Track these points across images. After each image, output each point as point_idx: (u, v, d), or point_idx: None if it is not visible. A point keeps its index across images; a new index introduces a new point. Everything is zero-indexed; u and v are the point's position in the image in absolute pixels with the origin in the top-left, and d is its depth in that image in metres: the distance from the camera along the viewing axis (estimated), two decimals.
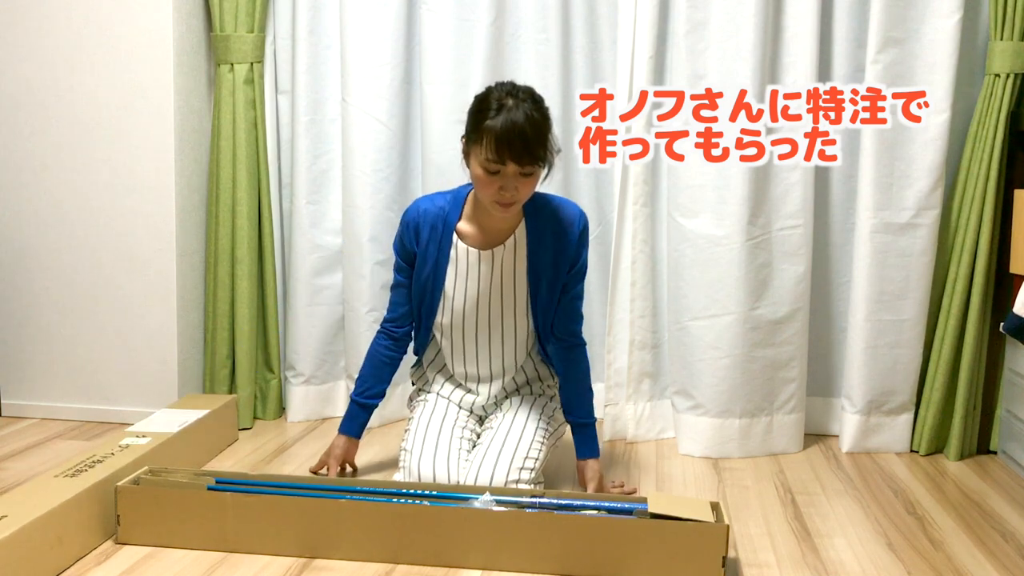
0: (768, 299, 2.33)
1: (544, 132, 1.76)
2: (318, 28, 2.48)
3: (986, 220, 2.25)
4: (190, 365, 2.56)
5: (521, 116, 1.71)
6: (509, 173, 1.74)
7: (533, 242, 1.92)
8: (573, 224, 1.92)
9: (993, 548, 1.79)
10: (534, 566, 1.62)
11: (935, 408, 2.34)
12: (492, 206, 1.81)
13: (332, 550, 1.67)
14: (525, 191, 1.79)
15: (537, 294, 1.95)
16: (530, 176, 1.77)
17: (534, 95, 1.79)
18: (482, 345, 2.00)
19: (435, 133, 2.44)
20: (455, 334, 2.00)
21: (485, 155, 1.74)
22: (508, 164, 1.73)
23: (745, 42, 2.24)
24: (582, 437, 2.00)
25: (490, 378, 2.05)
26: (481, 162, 1.76)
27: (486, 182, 1.77)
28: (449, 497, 1.72)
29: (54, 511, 1.59)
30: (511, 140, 1.70)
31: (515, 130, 1.70)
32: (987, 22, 2.27)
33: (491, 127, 1.72)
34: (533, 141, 1.72)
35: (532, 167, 1.75)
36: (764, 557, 1.74)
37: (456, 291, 1.95)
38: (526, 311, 1.97)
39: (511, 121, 1.70)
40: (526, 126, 1.71)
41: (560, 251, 1.92)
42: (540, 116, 1.76)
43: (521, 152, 1.71)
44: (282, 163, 2.61)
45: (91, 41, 2.42)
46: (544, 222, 1.92)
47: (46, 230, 2.52)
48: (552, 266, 1.93)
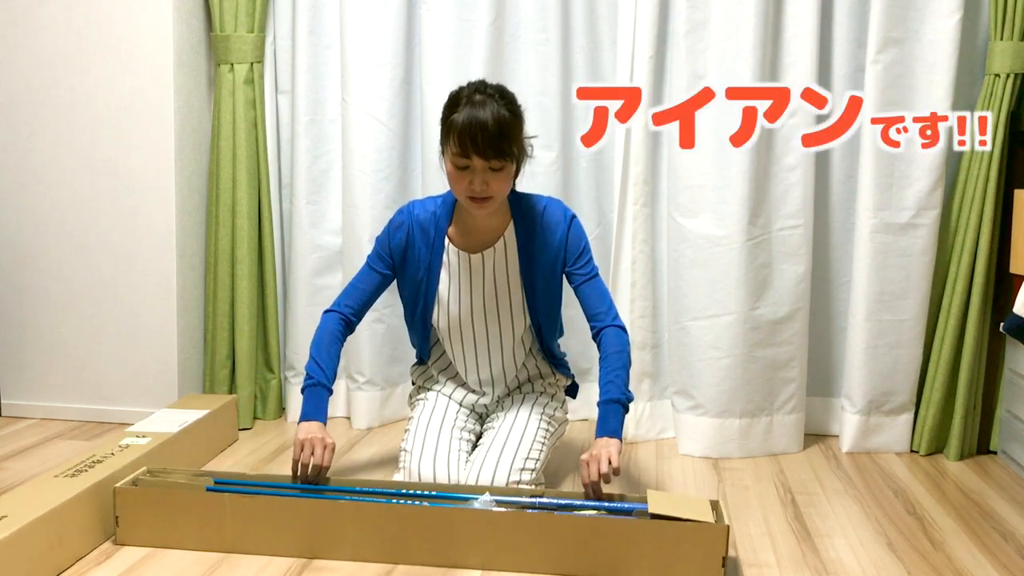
0: (768, 299, 2.33)
1: (510, 127, 1.76)
2: (318, 28, 2.48)
3: (986, 220, 2.25)
4: (190, 365, 2.56)
5: (486, 111, 1.73)
6: (477, 168, 1.75)
7: (523, 243, 1.93)
8: (560, 222, 1.92)
9: (993, 548, 1.79)
10: (534, 566, 1.62)
11: (935, 408, 2.34)
12: (467, 203, 1.82)
13: (332, 550, 1.66)
14: (496, 186, 1.78)
15: (534, 295, 1.94)
16: (499, 171, 1.77)
17: (504, 91, 1.80)
18: (481, 348, 2.00)
19: (435, 133, 2.39)
20: (454, 339, 2.00)
21: (453, 150, 1.76)
22: (473, 158, 1.74)
23: (745, 42, 2.24)
24: (602, 413, 1.81)
25: (491, 381, 2.05)
26: (450, 158, 1.78)
27: (457, 178, 1.79)
28: (449, 497, 1.72)
29: (54, 511, 1.59)
30: (473, 134, 1.71)
31: (477, 123, 1.71)
32: (987, 22, 2.27)
33: (455, 121, 1.74)
34: (496, 135, 1.72)
35: (499, 161, 1.75)
36: (764, 557, 1.73)
37: (451, 295, 1.95)
38: (523, 311, 1.97)
39: (474, 115, 1.72)
40: (488, 120, 1.72)
41: (551, 250, 1.92)
42: (508, 112, 1.76)
43: (484, 146, 1.72)
44: (282, 163, 2.61)
45: (91, 41, 2.42)
46: (532, 223, 1.92)
47: (46, 230, 2.52)
48: (546, 266, 1.93)
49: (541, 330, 2.00)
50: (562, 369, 2.10)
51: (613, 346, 1.86)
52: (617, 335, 1.88)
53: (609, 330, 1.88)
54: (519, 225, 1.93)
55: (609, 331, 1.88)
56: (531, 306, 1.96)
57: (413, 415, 2.05)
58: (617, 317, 1.91)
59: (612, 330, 1.88)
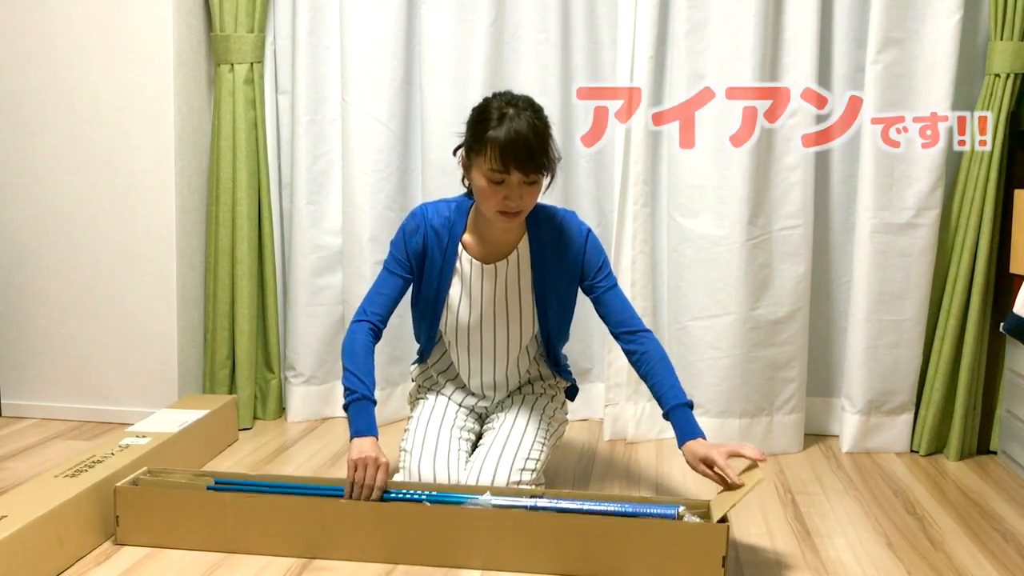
0: (768, 299, 2.33)
1: (547, 140, 1.75)
2: (318, 28, 2.48)
3: (986, 220, 2.25)
4: (190, 365, 2.56)
5: (524, 124, 1.70)
6: (514, 183, 1.73)
7: (537, 255, 1.91)
8: (577, 237, 1.91)
9: (993, 548, 1.79)
10: (534, 566, 1.62)
11: (935, 408, 2.34)
12: (496, 217, 1.79)
13: (332, 550, 1.66)
14: (529, 200, 1.77)
15: (545, 306, 1.93)
16: (534, 185, 1.75)
17: (533, 104, 1.78)
18: (487, 355, 1.99)
19: (435, 133, 2.44)
20: (460, 345, 1.99)
21: (489, 166, 1.72)
22: (513, 173, 1.71)
23: (745, 42, 2.24)
24: (677, 419, 1.82)
25: (494, 386, 2.05)
26: (485, 173, 1.73)
27: (490, 193, 1.75)
28: (449, 498, 1.71)
29: (54, 511, 1.59)
30: (516, 149, 1.69)
31: (519, 139, 1.69)
32: (987, 22, 2.27)
33: (494, 137, 1.70)
34: (537, 149, 1.71)
35: (536, 175, 1.74)
36: (764, 557, 1.73)
37: (460, 304, 1.93)
38: (532, 321, 1.96)
39: (515, 130, 1.70)
40: (529, 134, 1.70)
41: (566, 263, 1.91)
42: (542, 124, 1.75)
43: (526, 160, 1.70)
44: (282, 163, 2.61)
45: (91, 41, 2.42)
46: (547, 235, 1.91)
47: (46, 230, 2.52)
48: (560, 280, 1.92)
49: (550, 339, 1.99)
50: (563, 374, 2.10)
51: (657, 352, 1.88)
52: (655, 342, 1.90)
53: (645, 338, 1.89)
54: (534, 237, 1.91)
55: (646, 338, 1.89)
56: (542, 316, 1.95)
57: (413, 415, 2.05)
58: (642, 322, 1.92)
59: (649, 338, 1.90)
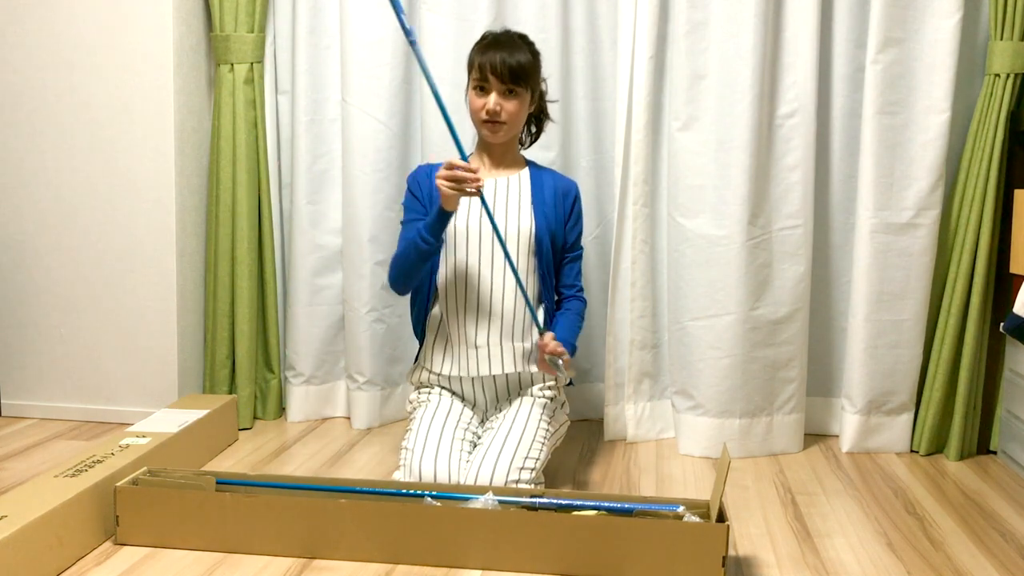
0: (768, 299, 2.33)
1: (527, 59, 1.95)
2: (318, 28, 2.48)
3: (986, 220, 2.25)
4: (190, 365, 2.56)
5: (505, 39, 1.97)
6: (493, 90, 1.94)
7: (536, 181, 2.07)
8: (572, 190, 2.11)
9: (993, 548, 1.79)
10: (534, 566, 1.62)
11: (935, 408, 2.34)
12: (481, 126, 1.99)
13: (332, 550, 1.67)
14: (510, 108, 1.95)
15: (542, 236, 2.01)
16: (513, 96, 1.95)
17: (525, 36, 2.03)
18: (483, 309, 1.99)
19: (435, 133, 2.44)
20: (459, 291, 2.00)
21: (474, 76, 1.97)
22: (492, 80, 1.93)
23: (745, 42, 2.24)
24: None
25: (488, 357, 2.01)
26: (471, 85, 1.98)
27: (477, 105, 1.97)
28: (449, 497, 1.72)
29: (54, 511, 1.59)
30: (492, 57, 1.92)
31: (496, 47, 1.94)
32: (987, 22, 2.27)
33: (477, 47, 1.98)
34: (512, 60, 1.92)
35: (514, 85, 1.94)
36: (764, 557, 1.74)
37: (469, 223, 1.99)
38: (528, 243, 2.00)
39: (495, 41, 1.97)
40: (506, 44, 1.95)
41: (558, 202, 2.06)
42: (525, 46, 1.98)
43: (501, 67, 1.91)
44: (282, 163, 2.61)
45: (91, 41, 2.42)
46: (546, 178, 2.09)
47: (46, 230, 2.52)
48: (553, 210, 2.05)
49: (544, 279, 2.04)
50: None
51: (575, 309, 2.10)
52: (577, 302, 2.12)
53: (575, 298, 2.12)
54: (533, 171, 2.10)
55: (575, 298, 2.12)
56: (539, 239, 2.01)
57: (416, 415, 2.04)
58: (583, 291, 2.13)
59: (576, 296, 2.12)
